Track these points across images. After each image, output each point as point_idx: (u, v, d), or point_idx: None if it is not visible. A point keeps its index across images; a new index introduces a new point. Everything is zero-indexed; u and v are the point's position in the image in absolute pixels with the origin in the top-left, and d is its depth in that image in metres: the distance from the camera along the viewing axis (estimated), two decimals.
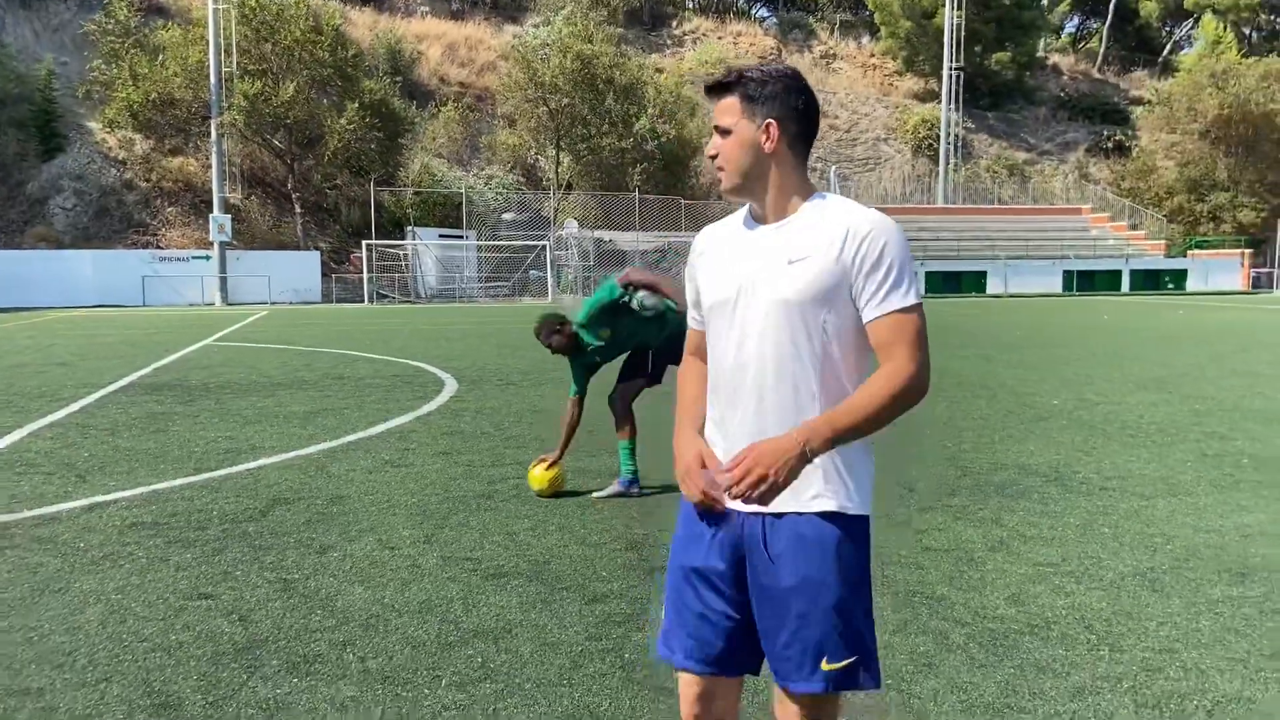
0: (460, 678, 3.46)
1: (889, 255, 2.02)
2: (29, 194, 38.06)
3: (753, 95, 2.08)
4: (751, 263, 2.11)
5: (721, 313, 2.15)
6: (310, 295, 38.83)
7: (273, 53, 39.83)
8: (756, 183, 2.11)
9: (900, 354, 2.02)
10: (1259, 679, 3.48)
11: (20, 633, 3.86)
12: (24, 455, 7.44)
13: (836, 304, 2.04)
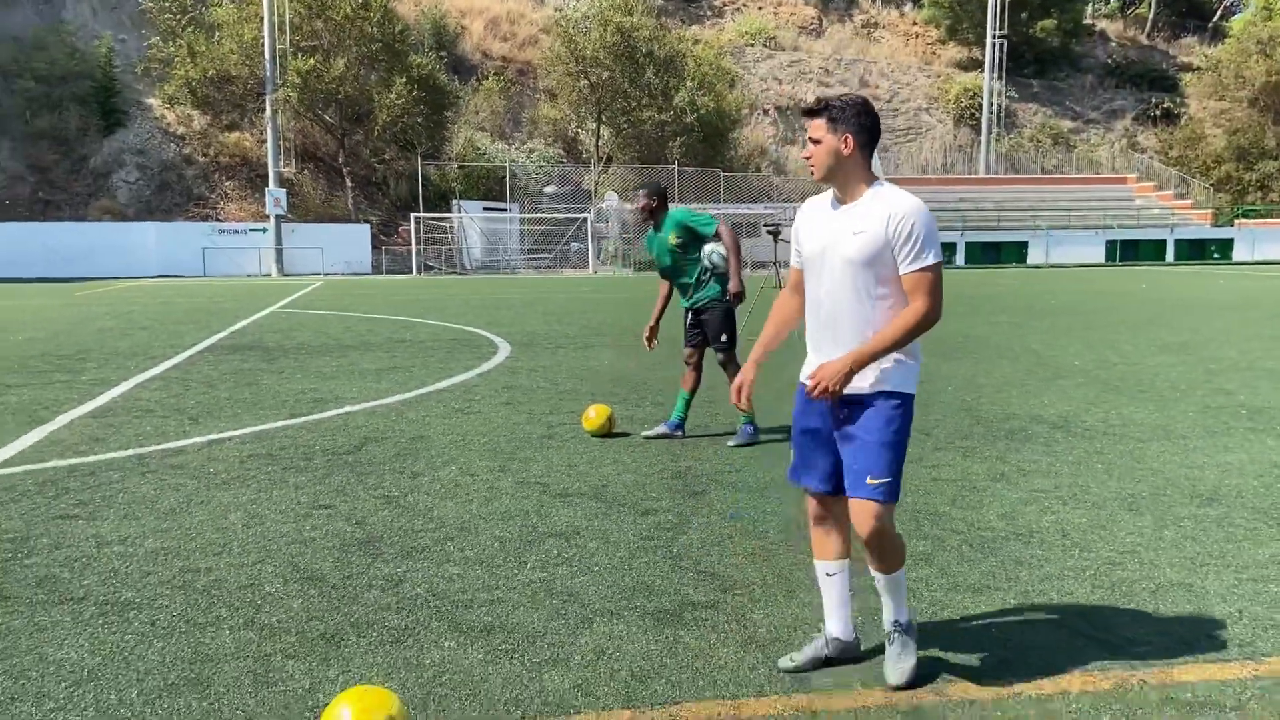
0: (541, 563, 4.28)
1: (917, 230, 2.99)
2: (92, 168, 39.47)
3: (835, 117, 3.05)
4: (832, 231, 3.11)
5: (812, 263, 3.18)
6: (361, 267, 39.96)
7: (324, 29, 40.80)
8: (836, 176, 3.09)
9: (920, 298, 3.01)
10: (1201, 571, 4.20)
11: (180, 531, 4.74)
12: (137, 403, 8.39)
13: (883, 263, 3.02)
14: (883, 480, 3.03)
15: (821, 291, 3.14)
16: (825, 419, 3.18)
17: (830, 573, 3.31)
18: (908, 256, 2.99)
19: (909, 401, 3.12)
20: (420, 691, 3.08)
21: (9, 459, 6.28)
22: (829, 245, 3.09)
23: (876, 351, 3.01)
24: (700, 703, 3.02)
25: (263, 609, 3.75)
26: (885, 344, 3.00)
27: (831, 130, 3.04)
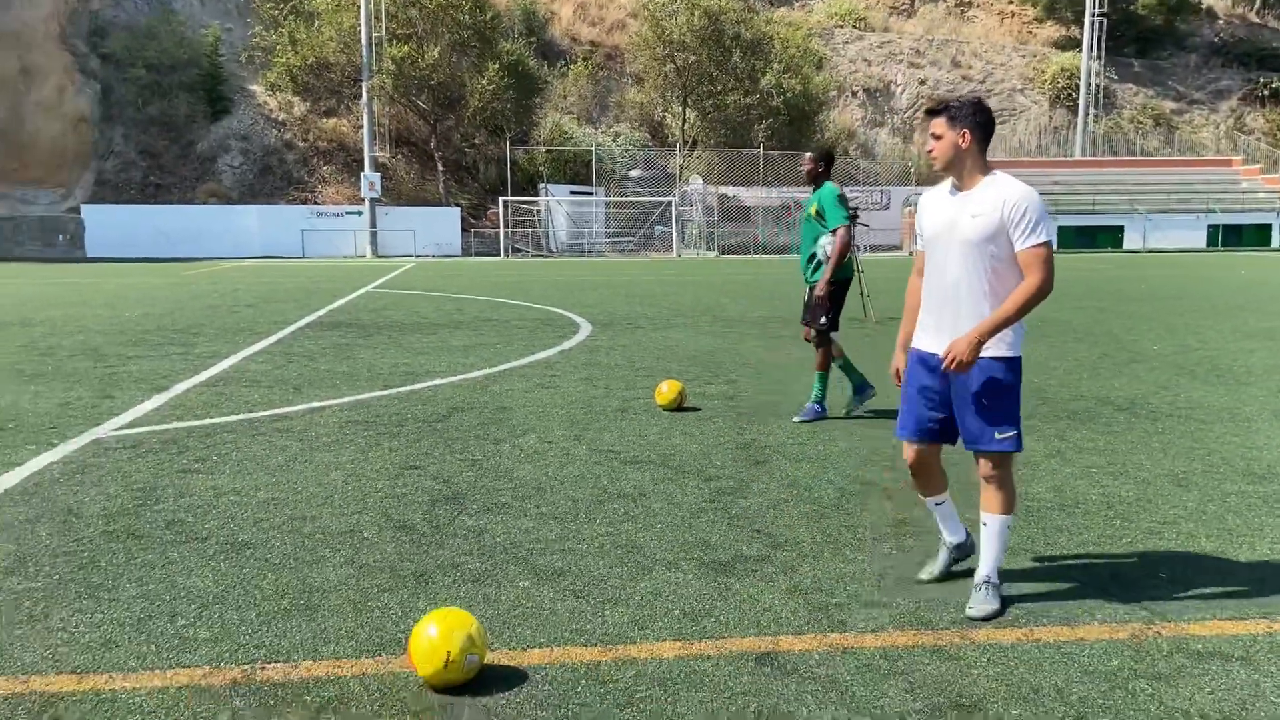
0: (609, 519, 4.68)
1: (1030, 212, 3.44)
2: (199, 153, 41.23)
3: (954, 116, 3.53)
4: (951, 214, 3.57)
5: (934, 244, 3.65)
6: (451, 249, 40.96)
7: (419, 17, 41.78)
8: (955, 166, 3.56)
9: (1033, 272, 3.45)
10: (1236, 542, 4.38)
11: (287, 485, 5.27)
12: (245, 374, 9.06)
13: (999, 242, 3.47)
14: (1009, 434, 3.56)
15: (943, 269, 3.60)
16: (938, 381, 3.65)
17: (939, 503, 3.93)
18: (1022, 235, 3.43)
19: (1019, 362, 3.61)
20: (497, 621, 3.50)
21: (135, 420, 6.93)
22: (949, 227, 3.56)
23: (1000, 323, 3.45)
24: (743, 638, 3.37)
25: (361, 551, 4.23)
26: (1007, 316, 3.45)
27: (951, 127, 3.52)
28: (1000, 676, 3.10)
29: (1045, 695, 2.97)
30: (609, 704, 2.91)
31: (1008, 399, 3.55)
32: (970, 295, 3.53)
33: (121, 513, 4.75)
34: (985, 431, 3.56)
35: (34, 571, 3.97)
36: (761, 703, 2.92)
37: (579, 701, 2.92)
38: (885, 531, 4.53)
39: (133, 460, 5.78)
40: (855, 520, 4.70)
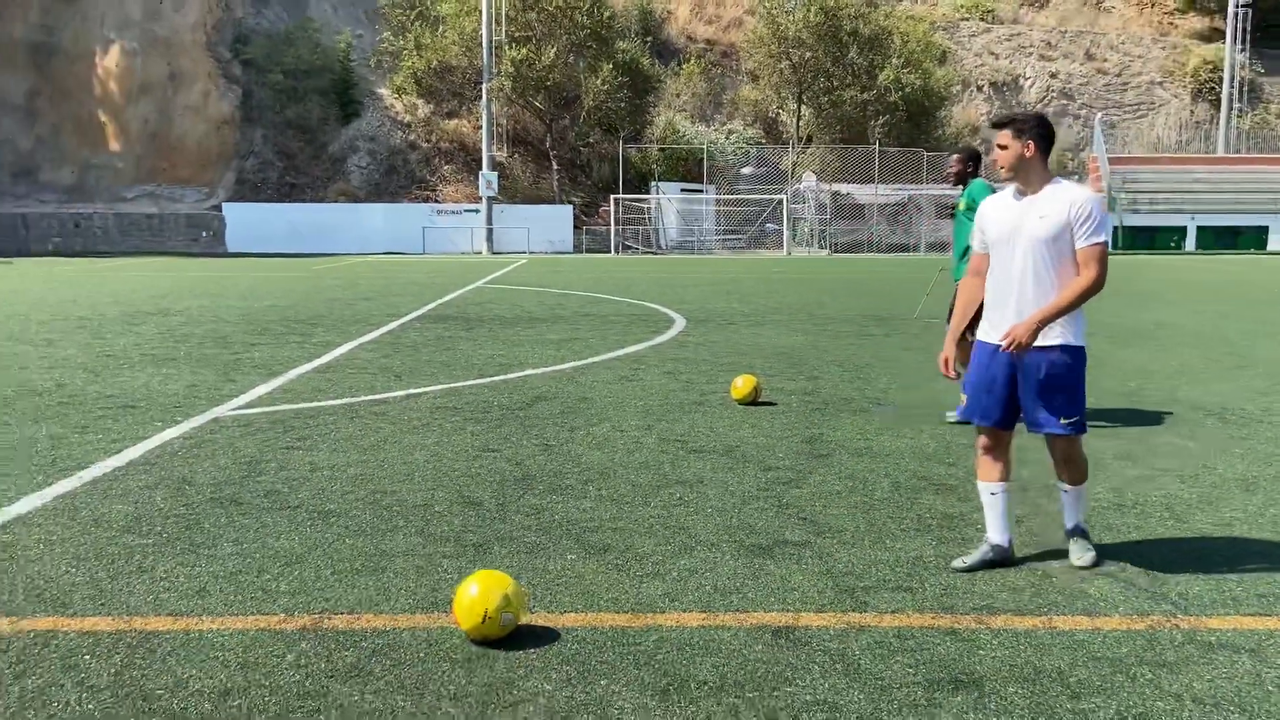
0: (663, 503, 4.95)
1: (1093, 214, 3.83)
2: (330, 154, 43.17)
3: (1019, 129, 3.87)
4: (1017, 216, 3.92)
5: (1000, 245, 3.98)
6: (563, 246, 41.81)
7: (538, 19, 42.78)
8: (1021, 174, 3.91)
9: (1090, 267, 3.83)
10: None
11: (375, 463, 5.71)
12: (354, 361, 9.66)
13: (1063, 240, 3.83)
14: (1073, 419, 3.93)
15: (1008, 266, 3.94)
16: (1003, 369, 3.97)
17: (994, 493, 4.10)
18: (1084, 234, 3.81)
19: (1082, 351, 3.95)
20: (541, 588, 3.81)
21: (250, 402, 7.54)
22: (1017, 228, 3.90)
23: (1058, 311, 3.81)
24: (766, 613, 3.60)
25: (431, 522, 4.61)
26: (1064, 305, 3.81)
27: (1016, 138, 3.86)
28: (1006, 658, 3.24)
29: (1045, 676, 3.11)
30: (628, 663, 3.18)
31: (1071, 386, 3.91)
32: (1036, 288, 3.87)
33: (228, 482, 5.26)
34: (1050, 418, 3.93)
35: (146, 530, 4.48)
36: (769, 669, 3.15)
37: (602, 659, 3.21)
38: (930, 524, 4.66)
39: (243, 437, 6.33)
40: (903, 512, 4.85)
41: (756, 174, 46.95)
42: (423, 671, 3.12)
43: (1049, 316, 3.81)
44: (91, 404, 7.41)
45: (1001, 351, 3.90)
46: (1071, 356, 3.91)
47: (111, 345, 10.73)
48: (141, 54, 41.51)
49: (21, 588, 3.77)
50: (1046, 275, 3.86)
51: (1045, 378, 3.89)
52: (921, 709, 2.90)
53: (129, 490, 5.11)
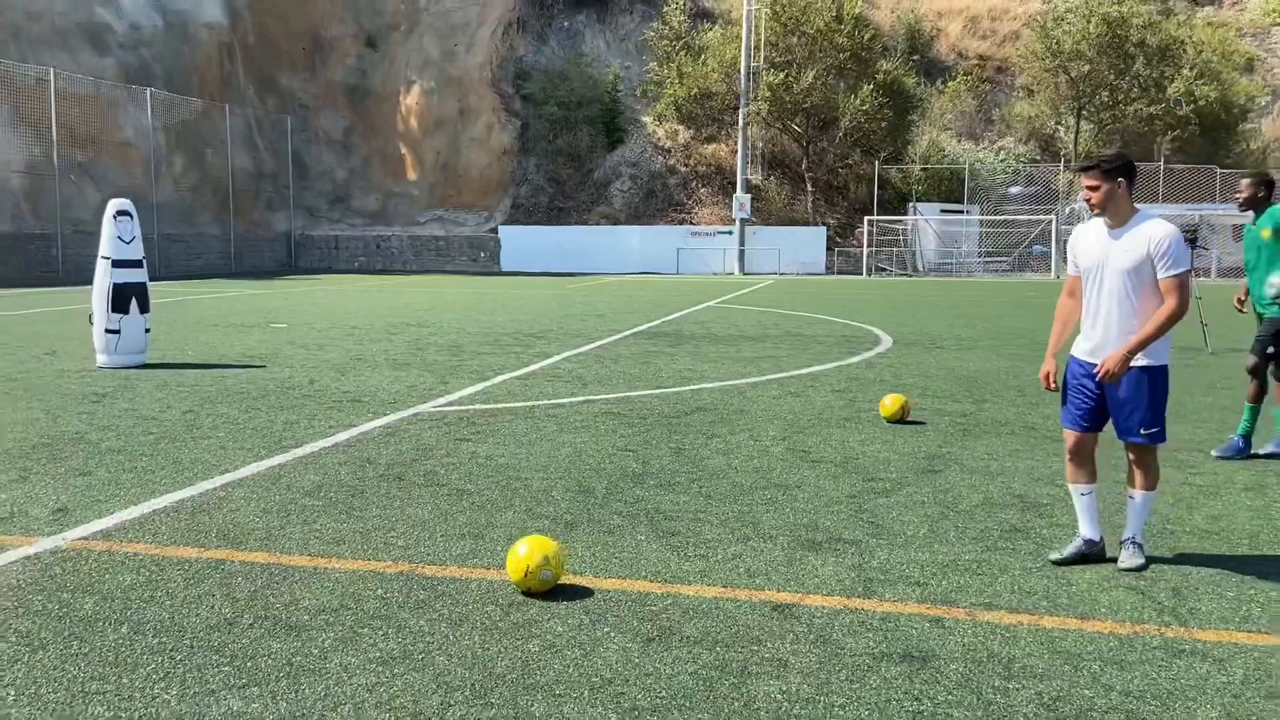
0: (752, 501, 5.49)
1: (1172, 248, 4.22)
2: (595, 180, 45.84)
3: (1106, 170, 4.27)
4: (1105, 248, 4.37)
5: (1090, 273, 4.44)
6: (815, 267, 42.00)
7: (797, 44, 43.42)
8: (1110, 208, 4.32)
9: (1171, 297, 4.23)
10: None
11: (524, 455, 6.61)
12: (554, 371, 10.75)
13: (1145, 272, 4.27)
14: (1152, 430, 4.39)
15: (1098, 292, 4.39)
16: (1093, 384, 4.43)
17: (1083, 493, 4.57)
18: (1164, 266, 4.23)
19: (1164, 370, 4.41)
20: (602, 558, 4.51)
21: (450, 400, 8.74)
22: (1105, 259, 4.35)
23: (1144, 341, 4.26)
24: (778, 592, 4.10)
25: (540, 504, 5.43)
26: (1149, 335, 4.25)
27: (1105, 179, 4.27)
28: (968, 644, 3.58)
29: (993, 660, 3.44)
30: (634, 617, 3.82)
31: (1153, 401, 4.37)
32: (1120, 313, 4.33)
33: (399, 463, 6.35)
34: (1133, 428, 4.40)
35: (320, 495, 5.59)
36: (748, 632, 3.68)
37: (614, 613, 3.86)
38: (991, 534, 4.92)
39: (430, 429, 7.46)
40: (972, 524, 5.12)
41: (1025, 193, 44.94)
42: (471, 609, 3.91)
43: (1136, 348, 4.26)
44: (328, 398, 8.87)
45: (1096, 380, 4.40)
46: (1154, 375, 4.37)
47: (365, 350, 12.49)
48: (437, 93, 46.03)
49: (215, 529, 4.94)
50: (1129, 302, 4.30)
51: (1131, 393, 4.36)
52: (859, 672, 3.34)
53: (323, 465, 6.30)
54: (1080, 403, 4.54)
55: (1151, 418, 4.39)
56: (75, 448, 6.75)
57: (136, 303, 10.71)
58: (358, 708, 3.07)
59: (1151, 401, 4.37)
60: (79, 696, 3.12)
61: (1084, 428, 4.55)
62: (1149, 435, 4.40)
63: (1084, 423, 4.54)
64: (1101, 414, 4.50)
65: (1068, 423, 4.61)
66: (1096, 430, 4.56)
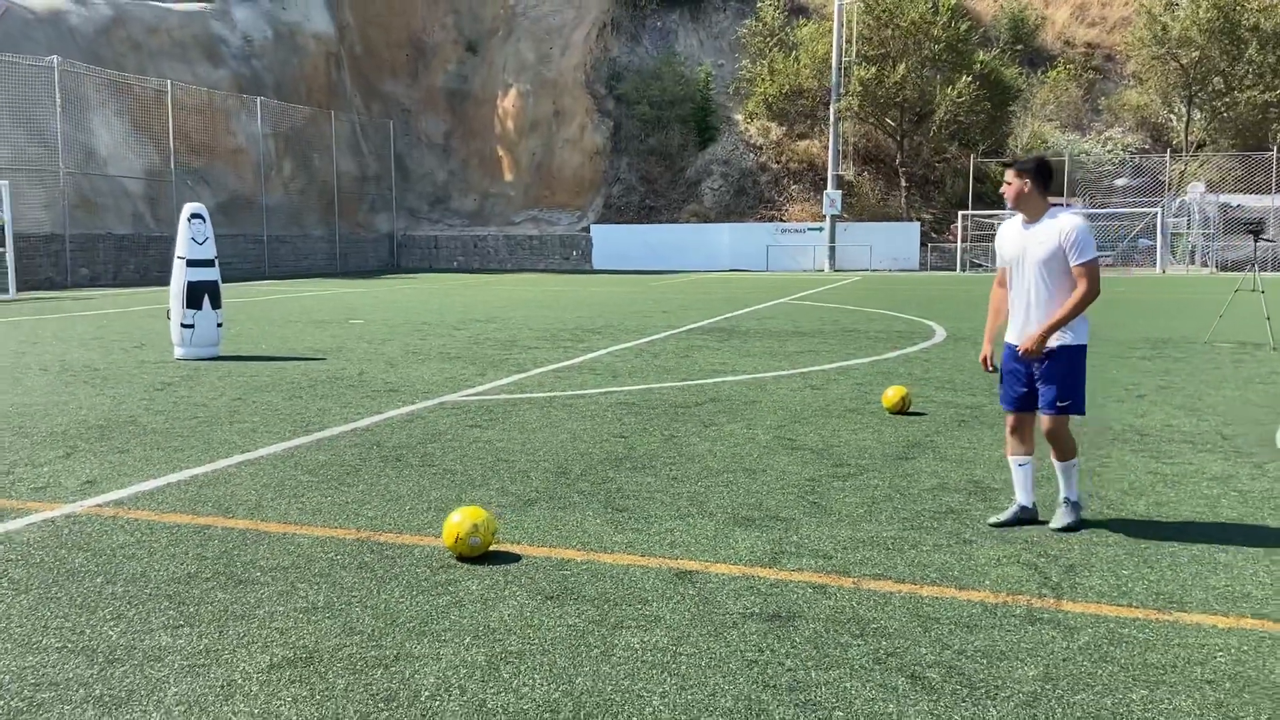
0: (711, 484, 5.80)
1: (1078, 239, 4.64)
2: (686, 178, 46.21)
3: (1020, 170, 4.77)
4: (1024, 242, 4.80)
5: (1013, 265, 4.89)
6: (907, 263, 41.46)
7: (891, 37, 42.91)
8: (1023, 205, 4.79)
9: (1082, 283, 4.65)
10: None
11: (522, 440, 7.04)
12: (592, 364, 11.18)
13: (1058, 260, 4.68)
14: (1065, 403, 4.78)
15: (1021, 282, 4.82)
16: (1023, 365, 4.87)
17: (1020, 464, 5.02)
18: (1074, 255, 4.65)
19: (1081, 349, 4.82)
20: (548, 529, 4.89)
21: (478, 390, 9.25)
22: (1023, 252, 4.78)
23: (1059, 321, 4.68)
24: (688, 560, 4.42)
25: (514, 483, 5.85)
26: (1063, 316, 4.67)
27: (1018, 178, 4.75)
28: (838, 608, 3.85)
29: (853, 621, 3.70)
30: (543, 578, 4.20)
31: (1066, 376, 4.76)
32: (1038, 300, 4.78)
33: (403, 447, 6.86)
34: (1050, 401, 4.81)
35: (321, 473, 6.13)
36: (636, 594, 4.02)
37: (528, 574, 4.25)
38: (923, 515, 5.12)
39: (446, 416, 7.98)
40: (914, 505, 5.33)
41: (1131, 185, 43.42)
42: (404, 570, 4.35)
43: (1053, 327, 4.71)
44: (369, 387, 9.49)
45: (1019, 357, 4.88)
46: (1070, 353, 4.79)
47: (424, 344, 13.15)
48: (533, 95, 47.09)
49: (213, 500, 5.52)
50: (1046, 289, 4.74)
51: (1049, 368, 4.80)
52: (721, 629, 3.65)
53: (335, 446, 6.87)
54: (1014, 385, 4.98)
55: (1064, 392, 4.78)
56: (124, 429, 7.48)
57: (209, 299, 11.59)
58: (265, 645, 3.54)
59: (1064, 376, 4.77)
60: (39, 630, 3.68)
61: (1019, 407, 4.98)
62: (1062, 408, 4.79)
63: (1019, 402, 4.97)
64: (1034, 394, 4.90)
65: (1005, 403, 5.07)
66: (1031, 409, 4.97)
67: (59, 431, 7.39)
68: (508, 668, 3.35)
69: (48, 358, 11.89)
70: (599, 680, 3.25)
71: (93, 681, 3.24)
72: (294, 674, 3.31)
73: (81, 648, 3.52)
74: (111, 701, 3.11)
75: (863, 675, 3.28)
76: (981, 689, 3.18)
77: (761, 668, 3.34)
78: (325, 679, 3.27)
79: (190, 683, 3.24)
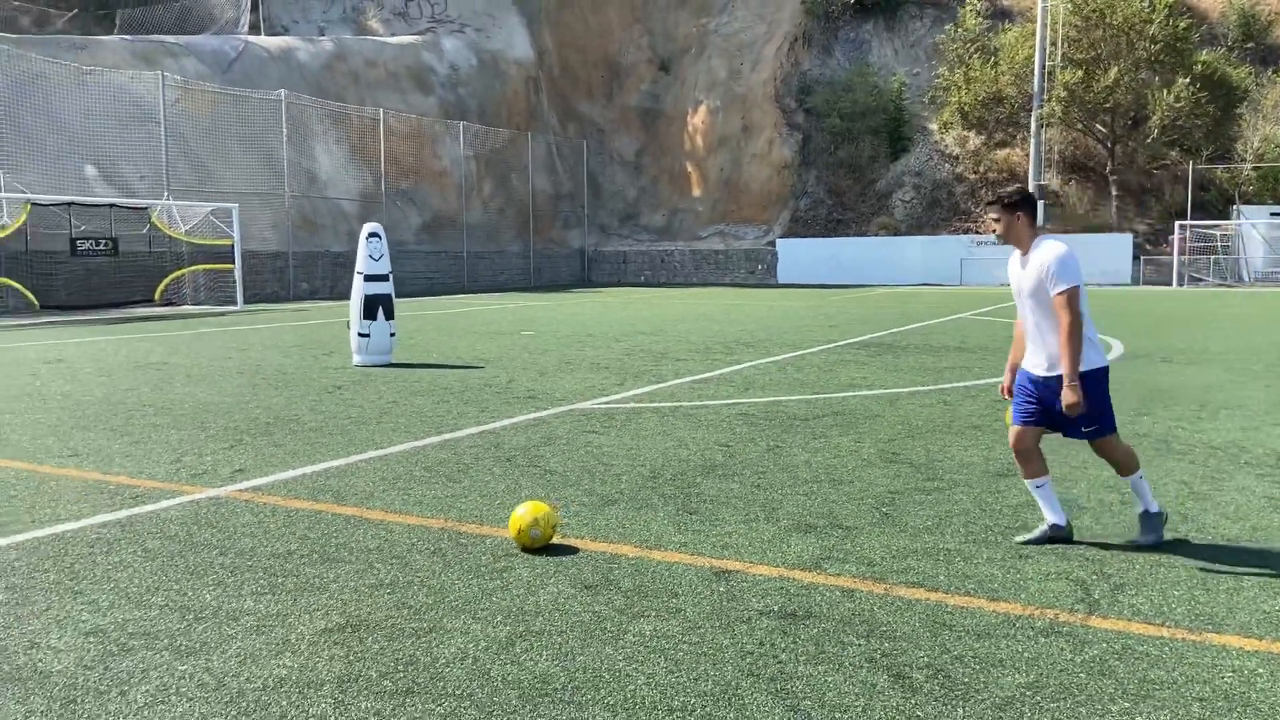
0: (793, 492, 5.94)
1: (1055, 268, 4.60)
2: (877, 190, 45.37)
3: (1006, 205, 4.84)
4: (1019, 274, 4.86)
5: (1018, 297, 4.90)
6: (1118, 277, 39.06)
7: (1101, 38, 40.65)
8: (1013, 239, 4.86)
9: (1062, 314, 4.59)
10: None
11: (629, 446, 7.37)
12: (731, 376, 11.39)
13: (1042, 292, 4.67)
14: (1092, 428, 4.74)
15: (1025, 312, 4.86)
16: (1036, 391, 4.82)
17: (1037, 486, 4.91)
18: (1051, 285, 4.62)
19: (1099, 372, 4.72)
20: (612, 526, 5.20)
21: (609, 399, 9.66)
22: (1020, 284, 4.84)
23: (1071, 365, 4.57)
24: (733, 561, 4.61)
25: (604, 484, 6.18)
26: (1070, 359, 4.56)
27: (1005, 213, 4.81)
28: (854, 610, 3.95)
29: (860, 622, 3.80)
30: (589, 570, 4.50)
31: (1091, 401, 4.63)
32: (1038, 330, 4.79)
33: (517, 449, 7.34)
34: (1076, 430, 4.78)
35: (436, 470, 6.68)
36: (671, 587, 4.25)
37: (577, 566, 4.56)
38: (990, 529, 5.07)
39: (568, 423, 8.42)
40: (986, 520, 5.28)
41: None
42: (470, 556, 4.76)
43: (1070, 374, 4.55)
44: (512, 394, 10.10)
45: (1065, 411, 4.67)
46: (1087, 380, 4.64)
47: (579, 355, 13.74)
48: (722, 111, 47.62)
49: (333, 489, 6.15)
50: (1042, 320, 4.73)
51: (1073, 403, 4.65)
52: (732, 622, 3.83)
53: (456, 447, 7.43)
54: (1024, 403, 4.92)
55: (1089, 419, 4.69)
56: (286, 426, 8.35)
57: (383, 311, 12.60)
58: (326, 613, 4.02)
59: (1089, 403, 4.63)
60: (150, 590, 4.32)
61: (1026, 422, 4.89)
62: (1090, 433, 4.76)
63: (1026, 419, 4.89)
64: (1043, 414, 4.82)
65: (1018, 418, 4.96)
66: (1037, 427, 4.86)
67: (232, 426, 8.34)
68: (522, 644, 3.67)
69: (248, 362, 13.26)
70: (598, 660, 3.52)
71: (177, 634, 3.81)
72: (339, 638, 3.76)
73: (180, 606, 4.11)
74: (185, 650, 3.65)
75: (847, 672, 3.40)
76: (959, 691, 3.24)
77: (754, 659, 3.52)
78: (363, 643, 3.70)
79: (253, 639, 3.75)
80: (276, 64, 36.51)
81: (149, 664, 3.53)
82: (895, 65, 48.21)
